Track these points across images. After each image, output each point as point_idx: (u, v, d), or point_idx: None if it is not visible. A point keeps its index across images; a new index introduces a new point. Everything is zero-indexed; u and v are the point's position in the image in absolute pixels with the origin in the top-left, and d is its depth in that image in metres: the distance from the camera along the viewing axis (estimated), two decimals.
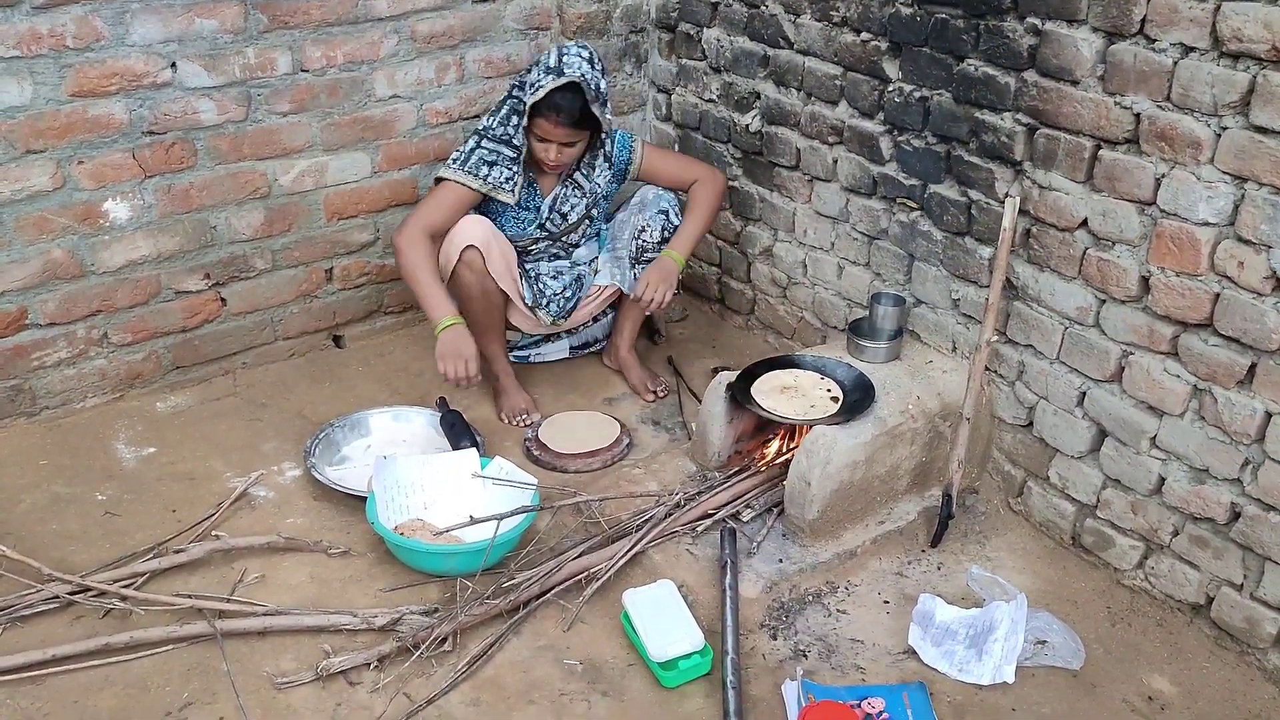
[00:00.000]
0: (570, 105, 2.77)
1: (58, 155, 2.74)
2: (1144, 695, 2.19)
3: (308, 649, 2.23)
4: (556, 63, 2.78)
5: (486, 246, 2.86)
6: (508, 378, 3.09)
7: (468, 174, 2.87)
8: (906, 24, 2.65)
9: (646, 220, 3.05)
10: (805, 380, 2.70)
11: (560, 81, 2.74)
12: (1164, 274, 2.21)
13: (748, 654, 2.26)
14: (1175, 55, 2.09)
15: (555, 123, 2.79)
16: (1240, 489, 2.19)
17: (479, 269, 2.86)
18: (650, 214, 3.06)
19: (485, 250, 2.86)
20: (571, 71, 2.76)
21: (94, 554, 2.48)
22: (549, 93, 2.75)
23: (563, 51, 2.80)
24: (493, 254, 2.88)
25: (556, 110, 2.77)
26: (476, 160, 2.88)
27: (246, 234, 3.11)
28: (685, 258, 3.03)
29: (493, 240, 2.89)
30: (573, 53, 2.80)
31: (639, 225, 3.05)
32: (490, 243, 2.87)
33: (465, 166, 2.88)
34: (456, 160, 2.90)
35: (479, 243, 2.85)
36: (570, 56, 2.79)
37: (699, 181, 3.07)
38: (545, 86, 2.75)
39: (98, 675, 2.16)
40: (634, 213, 3.08)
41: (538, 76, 2.78)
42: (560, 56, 2.79)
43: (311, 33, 2.98)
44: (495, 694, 2.15)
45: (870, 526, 2.59)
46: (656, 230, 3.05)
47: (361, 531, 2.57)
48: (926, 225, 2.75)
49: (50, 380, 2.95)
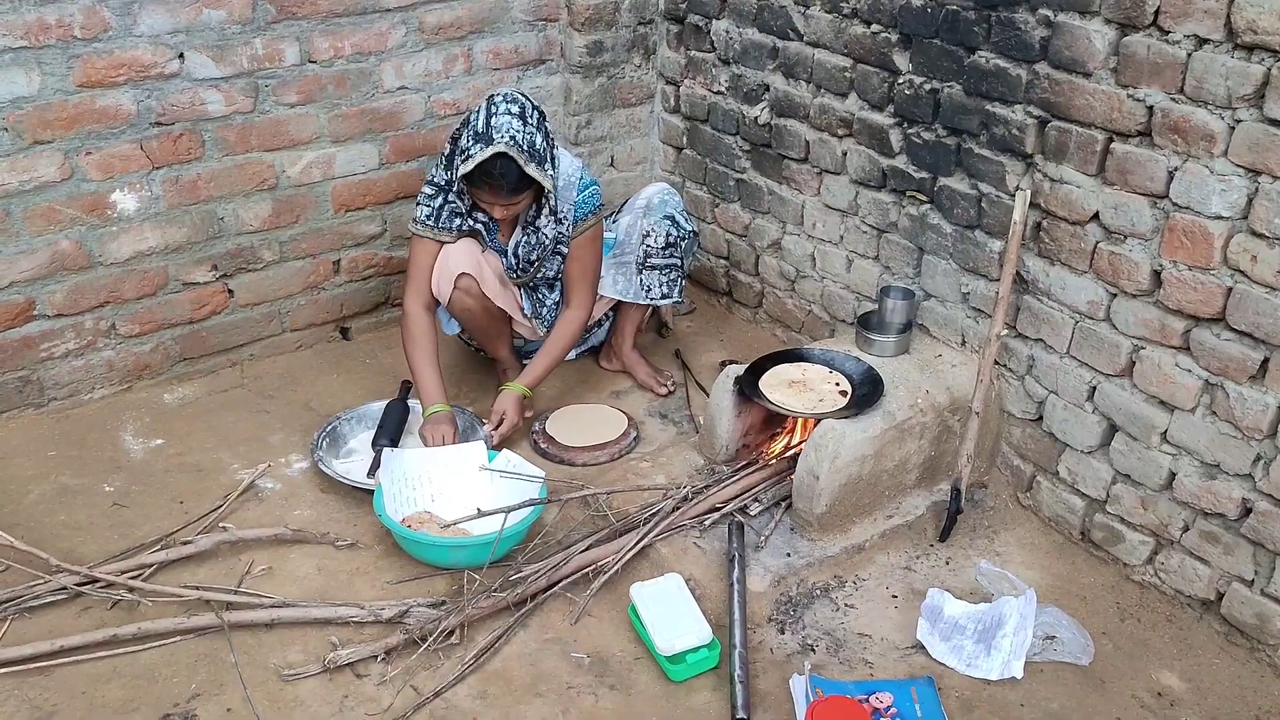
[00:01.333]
0: (502, 174, 2.59)
1: (65, 146, 2.74)
2: (1153, 691, 2.19)
3: (315, 641, 2.23)
4: (485, 127, 2.58)
5: (478, 270, 2.84)
6: (515, 371, 3.09)
7: (442, 230, 2.80)
8: (917, 15, 2.63)
9: (651, 225, 3.02)
10: (814, 374, 2.69)
11: (488, 152, 2.55)
12: (1176, 268, 2.20)
13: (755, 648, 2.26)
14: (1189, 47, 2.07)
15: (491, 192, 2.64)
16: (1251, 484, 2.18)
17: (475, 293, 2.85)
18: (655, 219, 3.03)
19: (478, 274, 2.83)
20: (500, 138, 2.55)
21: (102, 545, 2.48)
22: (478, 164, 2.57)
23: (491, 109, 2.61)
24: (485, 275, 2.86)
25: (488, 184, 2.61)
26: (448, 215, 2.80)
27: (254, 225, 3.11)
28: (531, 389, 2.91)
29: (483, 262, 2.87)
30: (501, 111, 2.60)
31: (644, 229, 3.03)
32: (481, 265, 2.85)
33: (439, 224, 2.80)
34: (430, 216, 2.80)
35: (471, 269, 2.82)
36: (499, 118, 2.58)
37: (571, 311, 2.94)
38: (474, 156, 2.56)
39: (105, 666, 2.16)
40: (639, 217, 3.06)
41: (467, 142, 2.60)
42: (489, 118, 2.59)
43: (319, 24, 2.98)
44: (502, 687, 2.15)
45: (878, 521, 2.58)
46: (661, 236, 3.01)
47: (369, 524, 2.57)
48: (936, 218, 2.74)
49: (58, 371, 2.95)
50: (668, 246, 3.03)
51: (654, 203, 3.06)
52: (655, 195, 3.08)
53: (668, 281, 3.07)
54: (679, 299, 3.14)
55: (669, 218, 3.04)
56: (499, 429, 2.82)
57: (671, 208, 3.06)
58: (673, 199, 3.08)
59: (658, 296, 3.07)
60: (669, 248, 3.03)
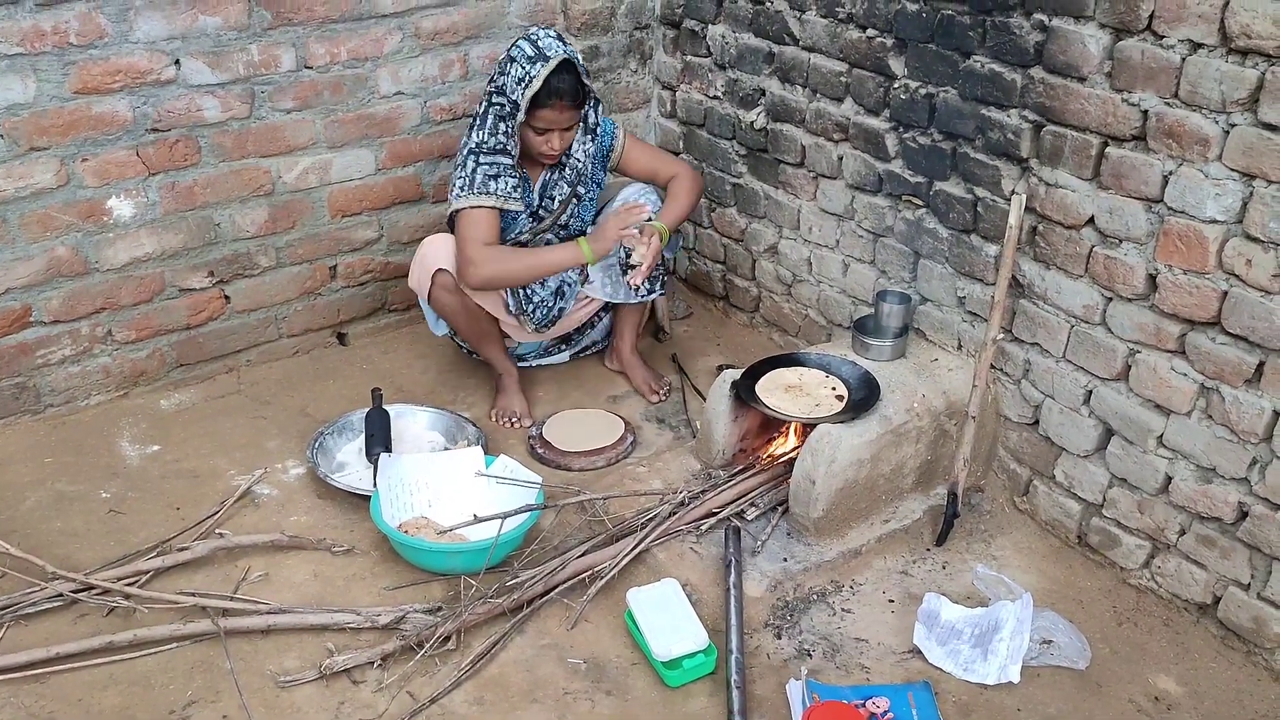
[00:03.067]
0: (570, 85, 2.72)
1: (61, 152, 2.74)
2: (1150, 695, 2.18)
3: (311, 647, 2.23)
4: (535, 51, 2.70)
5: (453, 263, 2.85)
6: (509, 377, 3.09)
7: (479, 195, 2.81)
8: (912, 20, 2.63)
9: None
10: (810, 378, 2.69)
11: (552, 65, 2.67)
12: (1171, 272, 2.20)
13: (752, 653, 2.25)
14: (1183, 52, 2.08)
15: (561, 108, 2.73)
16: (1248, 488, 2.18)
17: (453, 289, 2.86)
18: None
19: (453, 265, 2.85)
20: (555, 52, 2.69)
21: (98, 552, 2.48)
22: (545, 79, 2.68)
23: (533, 38, 2.73)
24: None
25: (559, 94, 2.71)
26: (482, 179, 2.81)
27: (250, 231, 3.11)
28: (670, 230, 2.95)
29: None
30: (542, 36, 2.74)
31: None
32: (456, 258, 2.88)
33: (474, 189, 2.81)
34: (464, 187, 2.82)
35: (448, 264, 2.84)
36: (545, 40, 2.72)
37: (678, 176, 3.03)
38: (539, 75, 2.67)
39: (101, 674, 2.16)
40: None
41: (523, 70, 2.70)
42: (535, 43, 2.72)
43: (315, 29, 2.98)
44: (499, 693, 2.15)
45: (875, 525, 2.58)
46: None
47: (365, 529, 2.57)
48: (932, 223, 2.74)
49: (54, 378, 2.95)
50: None
51: (630, 198, 3.06)
52: (633, 194, 3.08)
53: (651, 277, 3.06)
54: (662, 291, 3.13)
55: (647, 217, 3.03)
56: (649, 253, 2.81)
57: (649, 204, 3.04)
58: (649, 195, 3.07)
59: (645, 293, 3.07)
60: None
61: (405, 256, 3.38)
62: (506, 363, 3.09)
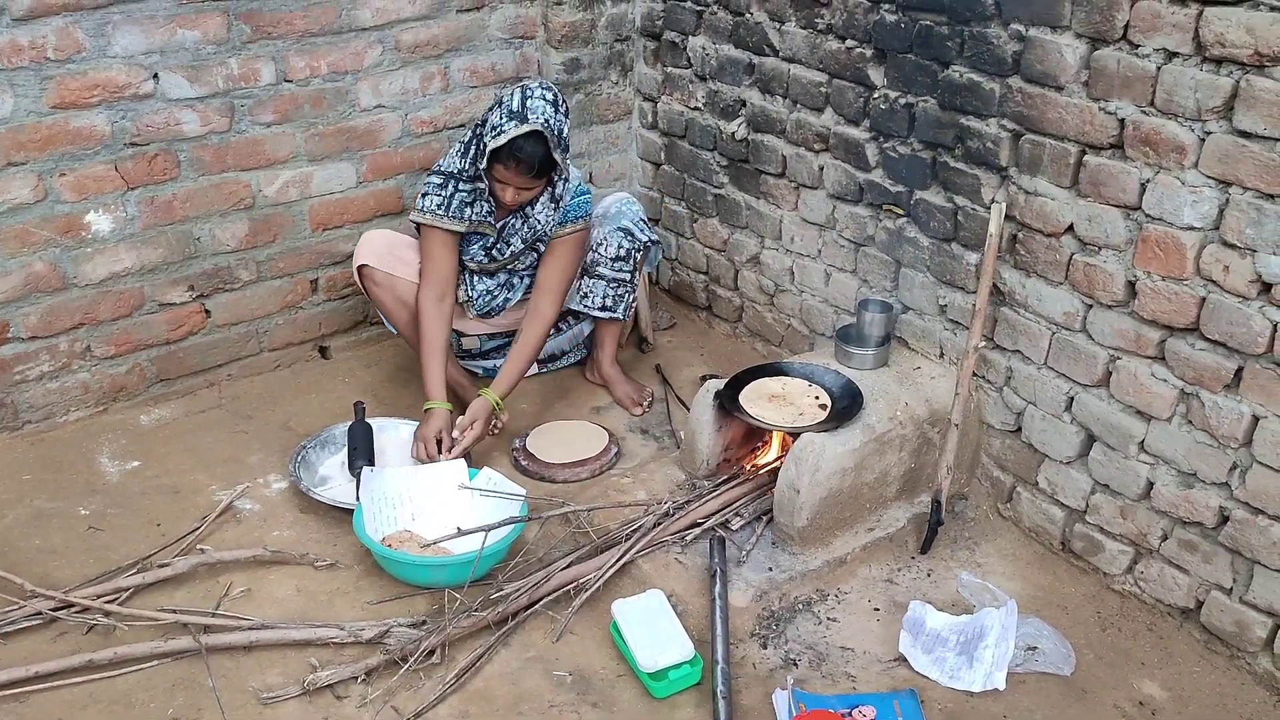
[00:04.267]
0: (531, 153, 2.65)
1: (39, 167, 2.72)
2: (1135, 700, 2.19)
3: (294, 663, 2.21)
4: (520, 107, 2.64)
5: (380, 260, 2.91)
6: (460, 388, 3.03)
7: (454, 220, 2.85)
8: (891, 31, 2.65)
9: (605, 234, 3.03)
10: (793, 387, 2.69)
11: (523, 129, 2.62)
12: (1150, 278, 2.21)
13: (738, 663, 2.25)
14: (1158, 60, 2.09)
15: (515, 171, 2.67)
16: (1228, 493, 2.19)
17: (379, 282, 2.93)
18: (610, 229, 3.03)
19: (380, 263, 2.92)
20: (535, 118, 2.62)
21: (77, 569, 2.46)
22: (510, 139, 2.62)
23: (527, 94, 2.67)
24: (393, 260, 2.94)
25: (516, 159, 2.65)
26: (459, 205, 2.84)
27: (231, 245, 3.09)
28: (503, 398, 2.84)
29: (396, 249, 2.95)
30: (536, 95, 2.67)
31: (599, 237, 3.04)
32: (388, 255, 2.93)
33: (449, 213, 2.84)
34: (441, 205, 2.83)
35: (373, 261, 2.91)
36: (534, 100, 2.66)
37: (537, 313, 2.90)
38: (507, 132, 2.62)
39: (81, 692, 2.13)
40: (595, 224, 3.06)
41: (500, 119, 2.65)
42: (524, 100, 2.66)
43: (295, 43, 2.97)
44: (484, 706, 2.14)
45: (860, 534, 2.59)
46: (613, 246, 3.02)
47: (348, 544, 2.55)
48: (913, 231, 2.75)
49: (32, 394, 2.93)
50: (618, 259, 3.03)
51: (611, 212, 3.07)
52: (613, 204, 3.08)
53: (614, 295, 3.06)
54: (622, 316, 3.10)
55: (624, 230, 3.04)
56: (462, 442, 2.71)
57: (628, 219, 3.06)
58: (630, 208, 3.07)
59: (595, 306, 3.06)
60: (620, 260, 3.03)
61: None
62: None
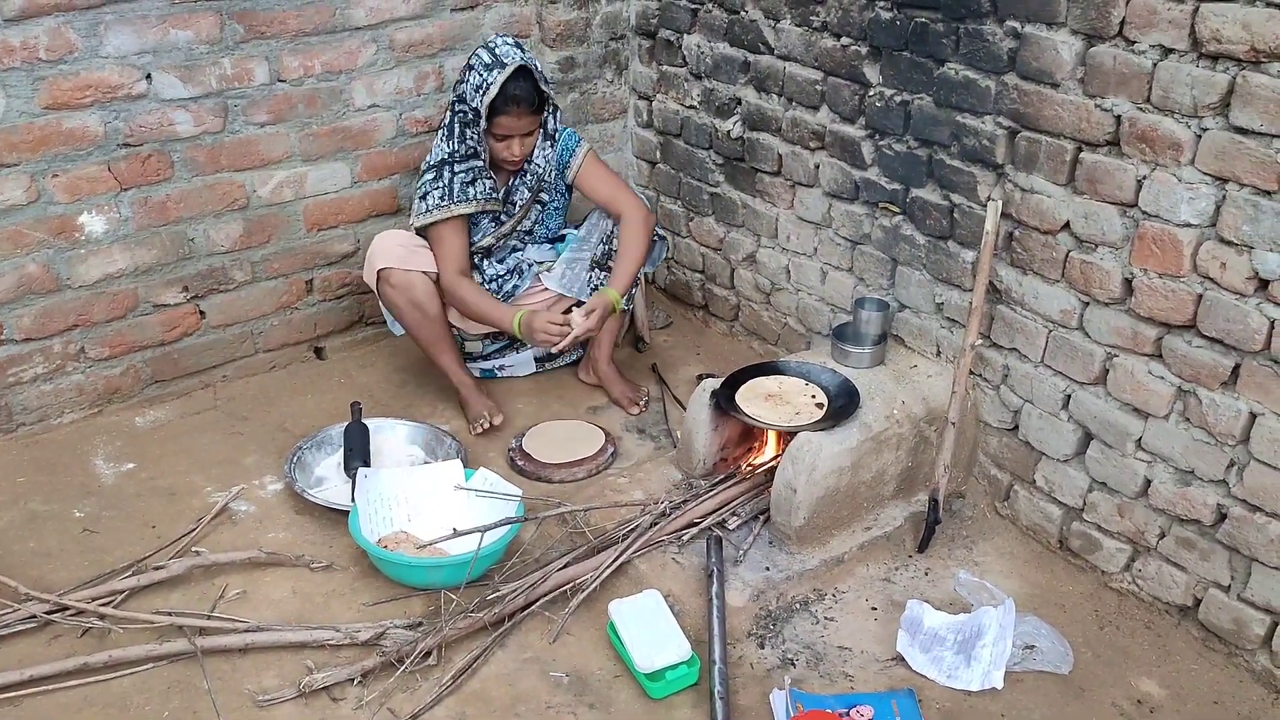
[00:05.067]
0: (526, 91, 2.77)
1: (32, 168, 2.71)
2: (1133, 698, 2.19)
3: (290, 665, 2.21)
4: (492, 58, 2.76)
5: (402, 261, 2.89)
6: (465, 387, 3.07)
7: (459, 203, 2.87)
8: (886, 28, 2.64)
9: (612, 227, 3.03)
10: (790, 386, 2.69)
11: (508, 71, 2.73)
12: (1147, 276, 2.21)
13: (735, 663, 2.24)
14: (1155, 57, 2.09)
15: (518, 114, 2.78)
16: (1226, 490, 2.19)
17: (400, 285, 2.90)
18: (615, 222, 3.03)
19: (400, 263, 2.89)
20: (511, 59, 2.75)
21: (72, 572, 2.45)
22: (502, 85, 2.72)
23: (491, 45, 2.80)
24: (409, 259, 2.91)
25: (515, 101, 2.76)
26: (460, 186, 2.87)
27: (225, 246, 3.08)
28: (623, 296, 2.94)
29: (411, 249, 2.93)
30: (499, 43, 2.80)
31: (607, 229, 3.04)
32: (405, 255, 2.90)
33: (454, 197, 2.87)
34: (443, 197, 2.87)
35: (394, 262, 2.89)
36: (502, 47, 2.78)
37: (626, 219, 2.96)
38: (496, 82, 2.72)
39: (76, 695, 2.13)
40: (602, 216, 3.08)
41: (480, 77, 2.75)
42: (492, 50, 2.78)
43: (288, 43, 2.96)
44: (481, 708, 2.13)
45: (857, 533, 2.58)
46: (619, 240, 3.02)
47: (344, 545, 2.55)
48: (909, 229, 2.75)
49: (27, 396, 2.92)
50: None
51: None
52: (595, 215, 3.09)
53: None
54: (626, 307, 3.12)
55: None
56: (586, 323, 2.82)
57: None
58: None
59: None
60: None
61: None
62: (461, 374, 3.08)
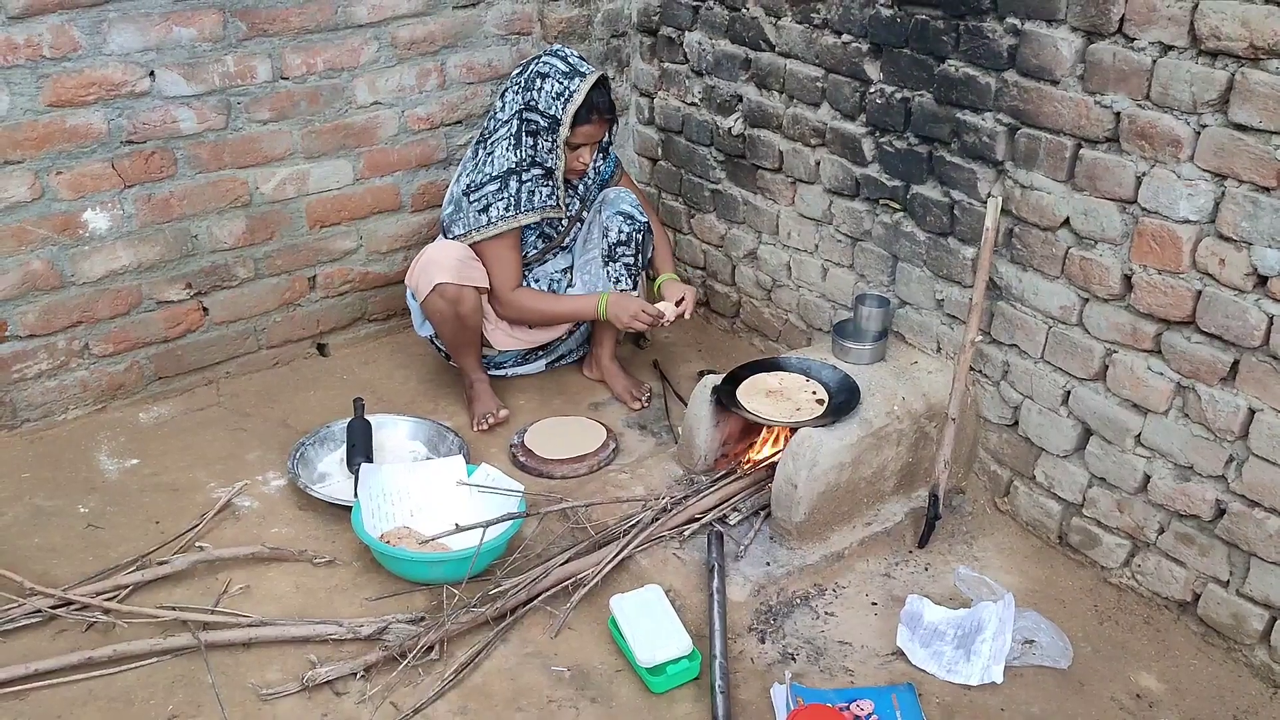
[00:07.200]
0: (607, 101, 2.83)
1: (35, 166, 2.72)
2: (1132, 693, 2.20)
3: (293, 659, 2.22)
4: (568, 67, 2.79)
5: (457, 275, 2.87)
6: (480, 384, 3.09)
7: (524, 213, 2.90)
8: (887, 25, 2.65)
9: (608, 220, 3.05)
10: (791, 383, 2.70)
11: (591, 80, 2.78)
12: (1146, 272, 2.22)
13: (736, 658, 2.25)
14: (1154, 54, 2.09)
15: (599, 123, 2.84)
16: (1225, 485, 2.19)
17: (451, 298, 2.87)
18: (610, 214, 3.05)
19: (456, 277, 2.87)
20: (588, 68, 2.80)
21: (76, 567, 2.46)
22: (586, 94, 2.77)
23: (560, 55, 2.83)
24: (465, 273, 2.89)
25: (598, 110, 2.81)
26: (526, 195, 2.89)
27: (228, 243, 3.09)
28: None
29: (466, 263, 2.91)
30: (570, 54, 2.84)
31: (603, 225, 3.06)
32: (461, 269, 2.89)
33: (520, 208, 2.89)
34: (509, 207, 2.88)
35: (451, 278, 2.86)
36: (574, 58, 2.83)
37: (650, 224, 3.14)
38: (580, 90, 2.77)
39: (81, 689, 2.14)
40: (595, 212, 3.10)
41: (560, 85, 2.78)
42: (565, 59, 2.82)
43: (291, 40, 2.97)
44: (483, 702, 2.14)
45: (857, 528, 2.59)
46: (615, 231, 3.03)
47: (347, 540, 2.56)
48: (910, 226, 2.75)
49: (31, 392, 2.93)
50: (620, 244, 3.05)
51: (609, 198, 3.09)
52: (609, 192, 3.10)
53: (629, 276, 3.09)
54: (634, 290, 3.14)
55: (623, 214, 3.04)
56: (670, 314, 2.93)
57: (626, 202, 3.06)
58: (626, 195, 3.09)
59: (629, 288, 3.09)
60: (624, 244, 3.05)
61: (384, 266, 3.38)
62: (479, 371, 3.11)
